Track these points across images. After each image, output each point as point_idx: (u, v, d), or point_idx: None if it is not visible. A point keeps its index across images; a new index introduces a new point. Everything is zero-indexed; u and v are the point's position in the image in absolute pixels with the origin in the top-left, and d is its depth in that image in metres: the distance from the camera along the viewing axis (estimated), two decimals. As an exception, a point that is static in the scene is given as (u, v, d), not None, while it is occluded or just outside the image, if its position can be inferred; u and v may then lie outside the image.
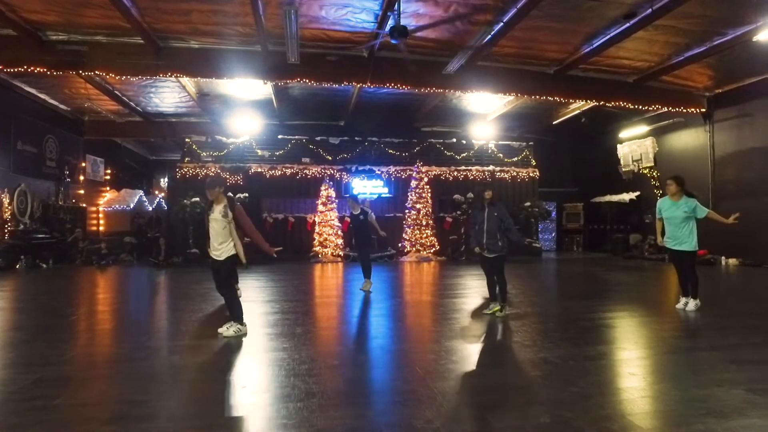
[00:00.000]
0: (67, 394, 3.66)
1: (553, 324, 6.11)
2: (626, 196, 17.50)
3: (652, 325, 5.93)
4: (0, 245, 12.47)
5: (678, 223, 6.68)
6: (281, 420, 3.03)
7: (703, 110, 14.40)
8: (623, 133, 17.56)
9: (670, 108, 14.31)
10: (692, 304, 6.75)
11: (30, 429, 2.97)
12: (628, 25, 10.01)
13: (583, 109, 15.77)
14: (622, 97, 13.63)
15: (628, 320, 6.30)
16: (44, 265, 13.25)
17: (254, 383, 3.76)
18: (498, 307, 6.42)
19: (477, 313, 6.78)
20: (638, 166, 16.86)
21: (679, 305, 6.87)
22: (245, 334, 5.27)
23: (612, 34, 10.56)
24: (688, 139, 15.35)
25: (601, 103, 14.06)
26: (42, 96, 14.86)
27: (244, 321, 5.37)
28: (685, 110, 14.32)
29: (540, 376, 3.95)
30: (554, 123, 17.58)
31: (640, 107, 14.22)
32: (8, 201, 13.01)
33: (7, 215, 12.90)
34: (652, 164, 16.30)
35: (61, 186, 15.98)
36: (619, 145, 17.71)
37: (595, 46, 11.20)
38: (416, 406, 3.27)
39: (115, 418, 3.14)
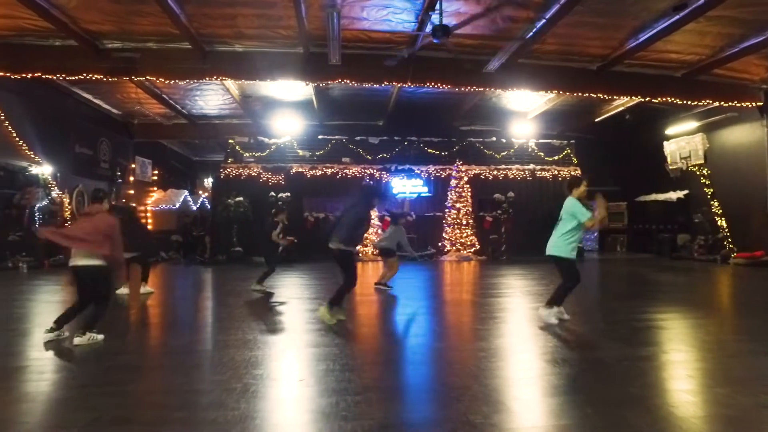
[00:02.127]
0: (138, 381, 3.89)
1: (603, 324, 6.01)
2: (673, 195, 16.89)
3: (708, 327, 5.74)
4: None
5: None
6: (341, 413, 3.12)
7: (760, 104, 13.71)
8: (670, 130, 16.94)
9: (723, 102, 13.71)
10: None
11: (110, 411, 3.18)
12: (677, 17, 9.67)
13: (628, 105, 15.32)
14: (670, 92, 13.15)
15: (682, 321, 6.13)
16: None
17: (310, 377, 3.87)
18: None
19: (523, 312, 6.73)
20: (687, 164, 16.24)
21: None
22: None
23: (659, 28, 10.22)
24: (742, 135, 14.67)
25: (647, 99, 13.63)
26: (97, 101, 15.60)
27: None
28: (739, 104, 13.68)
29: (595, 376, 3.91)
30: (596, 120, 17.15)
31: (690, 102, 13.69)
32: (68, 201, 13.75)
33: (67, 214, 13.63)
34: (702, 161, 15.67)
35: (113, 186, 16.74)
36: (665, 142, 17.10)
37: (641, 40, 10.87)
38: (472, 402, 3.30)
39: (183, 405, 3.31)
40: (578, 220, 5.60)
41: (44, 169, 12.95)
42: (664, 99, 13.39)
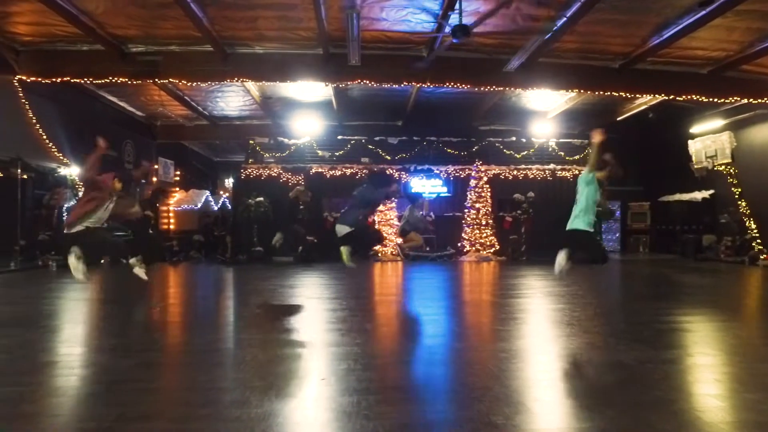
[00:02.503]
0: (164, 378, 3.98)
1: (624, 325, 5.92)
2: (698, 195, 16.53)
3: (736, 331, 5.61)
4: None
5: None
6: (363, 412, 3.14)
7: (790, 101, 13.33)
8: (695, 128, 16.56)
9: (752, 99, 13.31)
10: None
11: (137, 407, 3.26)
12: (703, 13, 9.46)
13: (651, 104, 15.05)
14: (695, 89, 12.86)
15: (708, 324, 6.00)
16: (124, 261, 14.21)
17: (332, 376, 3.90)
18: None
19: (545, 314, 6.69)
20: (713, 163, 15.85)
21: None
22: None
23: (684, 24, 10.00)
24: (772, 133, 14.28)
25: (671, 97, 13.35)
26: (121, 104, 15.95)
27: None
28: (768, 101, 13.33)
29: (617, 379, 3.86)
30: (618, 119, 16.89)
31: (716, 100, 13.36)
32: (93, 201, 14.08)
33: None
34: (729, 160, 15.27)
35: (137, 187, 17.08)
36: (690, 141, 16.72)
37: (665, 37, 10.67)
38: (493, 402, 3.29)
39: (207, 402, 3.36)
40: (587, 186, 5.72)
41: (72, 170, 13.28)
42: (689, 96, 13.09)
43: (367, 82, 12.16)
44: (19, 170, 11.91)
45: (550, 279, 10.55)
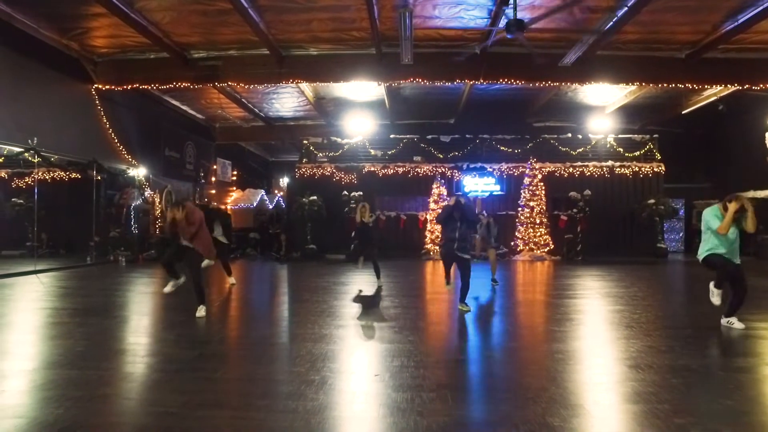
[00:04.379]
0: (225, 369, 4.16)
1: (691, 330, 5.61)
2: (776, 192, 15.35)
3: (820, 339, 5.18)
4: (153, 239, 14.36)
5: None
6: (416, 408, 3.15)
7: None
8: (773, 120, 15.40)
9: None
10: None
11: (200, 395, 3.44)
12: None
13: (721, 95, 14.13)
14: (776, 77, 11.97)
15: (787, 332, 5.57)
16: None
17: (385, 372, 3.94)
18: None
19: (602, 315, 6.44)
20: (793, 157, 14.70)
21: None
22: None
23: (766, 5, 9.33)
24: None
25: (746, 86, 12.47)
26: (183, 107, 16.80)
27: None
28: None
29: (683, 384, 3.66)
30: (683, 112, 15.97)
31: (800, 88, 12.37)
32: (158, 200, 14.92)
33: (157, 213, 14.80)
34: (812, 154, 14.12)
35: (197, 186, 17.92)
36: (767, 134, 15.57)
37: (740, 21, 10.00)
38: (550, 404, 3.21)
39: (266, 394, 3.50)
40: (710, 228, 5.53)
41: (139, 171, 14.12)
42: (767, 86, 12.19)
43: (420, 80, 12.15)
44: (94, 172, 12.79)
45: (607, 279, 10.16)
